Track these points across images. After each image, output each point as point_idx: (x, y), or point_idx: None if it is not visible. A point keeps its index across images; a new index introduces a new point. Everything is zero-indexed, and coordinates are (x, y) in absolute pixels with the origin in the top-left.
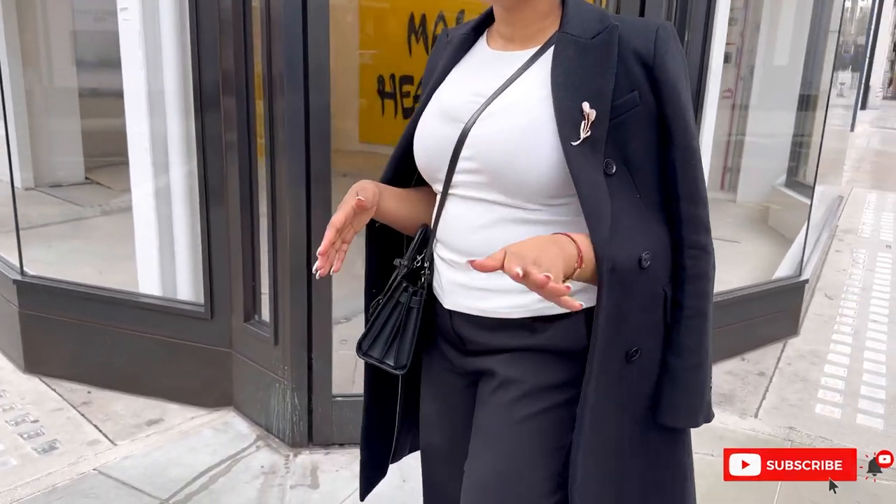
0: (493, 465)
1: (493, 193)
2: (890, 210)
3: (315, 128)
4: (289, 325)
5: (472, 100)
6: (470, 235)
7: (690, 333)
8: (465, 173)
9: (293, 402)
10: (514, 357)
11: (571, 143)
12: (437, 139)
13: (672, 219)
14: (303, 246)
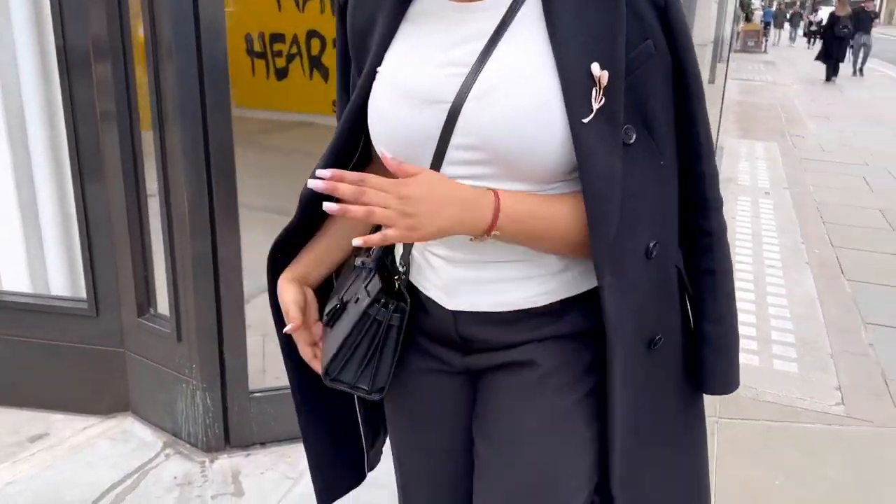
0: (526, 463)
1: (499, 183)
2: (762, 158)
3: (212, 91)
4: (194, 318)
5: (450, 72)
6: None
7: (724, 297)
8: (457, 164)
9: (205, 402)
10: (537, 345)
11: (582, 121)
12: (413, 127)
13: (693, 178)
14: (206, 228)
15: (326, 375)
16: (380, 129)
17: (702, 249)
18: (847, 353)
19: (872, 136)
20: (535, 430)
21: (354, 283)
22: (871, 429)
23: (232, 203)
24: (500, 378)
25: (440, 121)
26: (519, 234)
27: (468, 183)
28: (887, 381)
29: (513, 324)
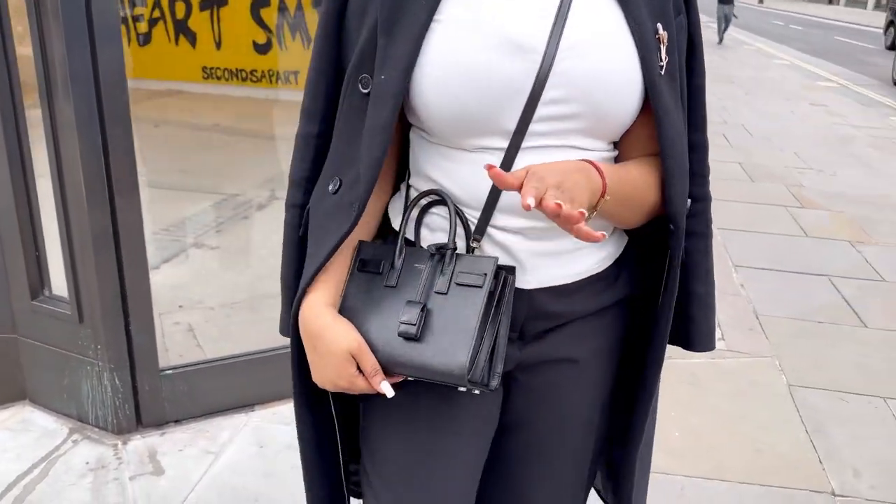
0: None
1: (584, 139)
2: None
3: (105, 58)
4: (97, 297)
5: (536, 20)
6: None
7: (708, 258)
8: (547, 121)
9: (113, 383)
10: (584, 326)
11: (659, 73)
12: (502, 78)
13: (693, 148)
14: (104, 203)
15: (476, 383)
16: (460, 80)
17: (693, 213)
18: (723, 293)
19: (728, 95)
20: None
21: (429, 280)
22: (747, 359)
23: (132, 175)
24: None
25: (531, 71)
26: (620, 200)
27: (550, 140)
28: (759, 316)
29: (574, 294)
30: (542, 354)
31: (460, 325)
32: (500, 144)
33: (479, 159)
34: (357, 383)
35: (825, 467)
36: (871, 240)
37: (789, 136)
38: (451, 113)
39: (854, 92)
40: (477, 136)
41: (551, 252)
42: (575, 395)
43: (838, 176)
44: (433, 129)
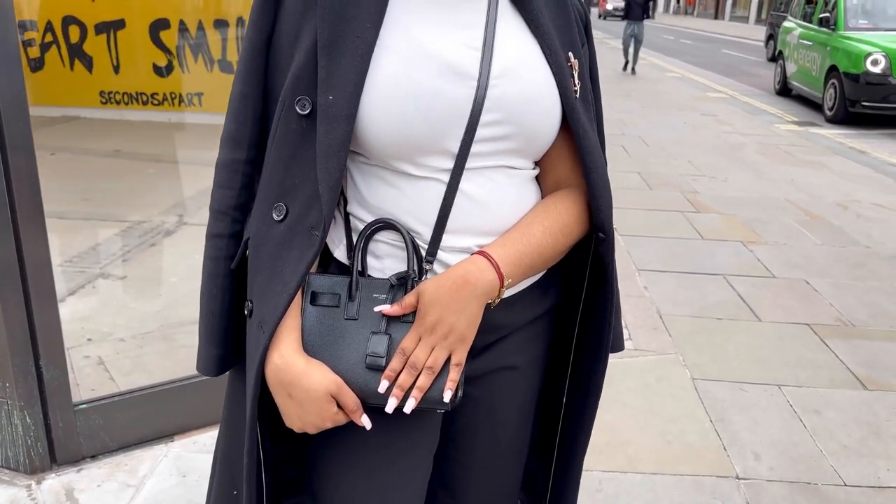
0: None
1: (516, 158)
2: None
3: (4, 86)
4: (4, 332)
5: (467, 51)
6: (502, 212)
7: (614, 263)
8: (485, 142)
9: (24, 421)
10: (523, 334)
11: (575, 97)
12: (445, 102)
13: None
14: (7, 232)
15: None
16: (406, 103)
17: None
18: (628, 296)
19: (625, 108)
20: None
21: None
22: (654, 357)
23: (37, 206)
24: (487, 384)
25: (470, 96)
26: (525, 271)
27: (489, 161)
28: (662, 316)
29: (515, 305)
30: (487, 365)
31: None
32: (445, 165)
33: (424, 183)
34: (339, 420)
35: (729, 453)
36: (760, 240)
37: (683, 145)
38: (397, 134)
39: (741, 102)
40: (422, 157)
41: None
42: (514, 400)
43: (729, 181)
44: (376, 150)
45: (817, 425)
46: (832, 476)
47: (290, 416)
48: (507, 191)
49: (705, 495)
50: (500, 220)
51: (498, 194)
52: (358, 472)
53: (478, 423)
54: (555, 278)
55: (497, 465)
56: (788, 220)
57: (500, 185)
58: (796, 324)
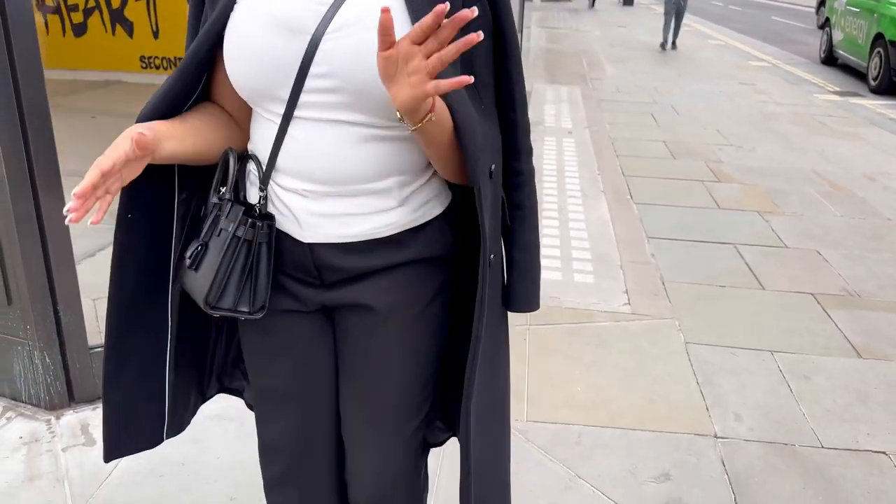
0: (392, 382)
1: (351, 113)
2: (565, 101)
3: (21, 49)
4: (24, 279)
5: (312, 7)
6: (330, 161)
7: (531, 230)
8: (315, 93)
9: (44, 362)
10: (382, 280)
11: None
12: (275, 54)
13: (507, 126)
14: (26, 189)
15: (207, 304)
16: (242, 54)
17: (515, 187)
18: (633, 263)
19: (661, 77)
20: (393, 353)
21: (213, 224)
22: (649, 321)
23: (52, 160)
24: (350, 317)
25: (301, 50)
26: (442, 128)
27: (320, 112)
28: (664, 282)
29: (362, 252)
30: (342, 299)
31: (209, 264)
32: (279, 110)
33: (266, 124)
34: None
35: (711, 414)
36: (778, 210)
37: (715, 114)
38: (241, 82)
39: (783, 70)
40: (262, 101)
41: (326, 213)
42: (378, 339)
43: (756, 151)
44: (239, 93)
45: (804, 391)
46: (811, 438)
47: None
48: (337, 144)
49: (681, 451)
50: (327, 168)
51: (324, 145)
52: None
53: (349, 352)
54: (418, 237)
55: (372, 394)
56: (811, 191)
57: (329, 137)
58: (801, 293)
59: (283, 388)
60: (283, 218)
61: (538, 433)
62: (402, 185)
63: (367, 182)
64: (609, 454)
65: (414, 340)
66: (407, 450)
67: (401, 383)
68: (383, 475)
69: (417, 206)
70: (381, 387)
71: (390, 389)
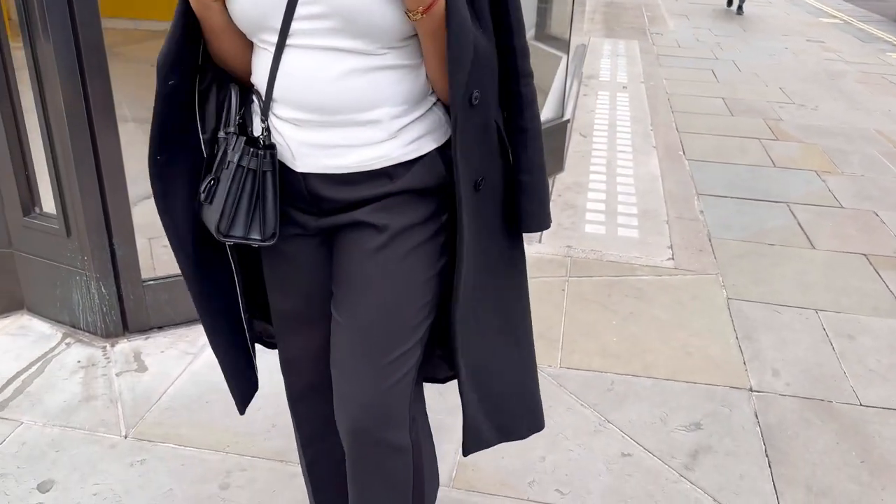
0: (373, 306)
1: (342, 39)
2: (622, 55)
3: None
4: (81, 213)
5: None
6: (320, 89)
7: (536, 151)
8: (306, 20)
9: (100, 292)
10: (377, 205)
11: None
12: None
13: (505, 50)
14: (84, 126)
15: (219, 233)
16: None
17: (516, 110)
18: (681, 219)
19: (725, 32)
20: (378, 274)
21: (222, 158)
22: (693, 277)
23: (108, 99)
24: (348, 236)
25: None
26: (437, 27)
27: (313, 40)
28: (711, 239)
29: (354, 183)
30: (337, 222)
31: (220, 195)
32: (273, 40)
33: (263, 54)
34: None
35: (748, 368)
36: (836, 170)
37: (778, 72)
38: (237, 13)
39: (856, 28)
40: (257, 32)
41: (318, 144)
42: (363, 255)
43: (819, 110)
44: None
45: (847, 349)
46: (849, 396)
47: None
48: (329, 70)
49: (714, 402)
50: (318, 96)
51: (317, 72)
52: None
53: (347, 263)
54: (403, 170)
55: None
56: (872, 152)
57: (321, 64)
58: (852, 253)
59: (294, 308)
60: (280, 148)
61: (570, 379)
62: (392, 118)
63: (357, 112)
64: (640, 402)
65: (403, 261)
66: (391, 379)
67: (386, 304)
68: (365, 407)
69: (409, 141)
70: (364, 307)
71: (374, 310)
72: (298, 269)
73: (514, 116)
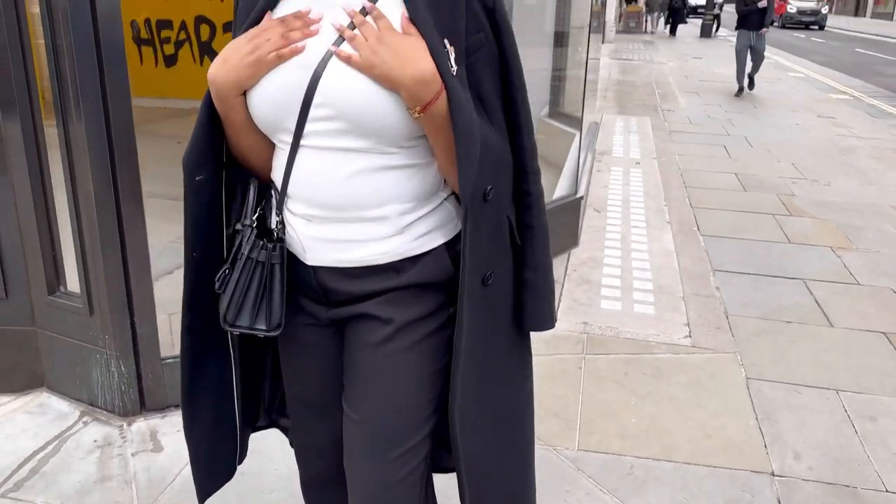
0: (379, 400)
1: (352, 140)
2: (634, 131)
3: (112, 76)
4: (105, 292)
5: (318, 43)
6: (330, 187)
7: (541, 249)
8: (318, 121)
9: (119, 370)
10: (384, 297)
11: (452, 75)
12: (283, 86)
13: (515, 148)
14: (111, 205)
15: (225, 321)
16: (259, 87)
17: (524, 207)
18: (697, 295)
19: (736, 108)
20: (383, 367)
21: (237, 249)
22: (710, 355)
23: (135, 181)
24: (356, 328)
25: (304, 83)
26: (442, 125)
27: (324, 140)
28: (728, 317)
29: (362, 277)
30: (346, 313)
31: (230, 283)
32: (289, 140)
33: (280, 153)
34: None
35: (769, 451)
36: (852, 246)
37: (790, 147)
38: (257, 113)
39: (865, 104)
40: (275, 133)
41: (327, 239)
42: (370, 349)
43: (832, 186)
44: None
45: (870, 432)
46: (874, 481)
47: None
48: (339, 169)
49: (735, 488)
50: (328, 194)
51: (328, 170)
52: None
53: (356, 354)
54: (417, 264)
55: (362, 407)
56: (888, 228)
57: (332, 163)
58: (871, 331)
59: (308, 396)
60: (291, 241)
61: (589, 462)
62: (400, 214)
63: (365, 209)
64: (661, 486)
65: (408, 354)
66: (401, 473)
67: (392, 398)
68: (375, 502)
69: (417, 236)
70: (372, 400)
71: (381, 404)
72: (312, 357)
73: (521, 213)
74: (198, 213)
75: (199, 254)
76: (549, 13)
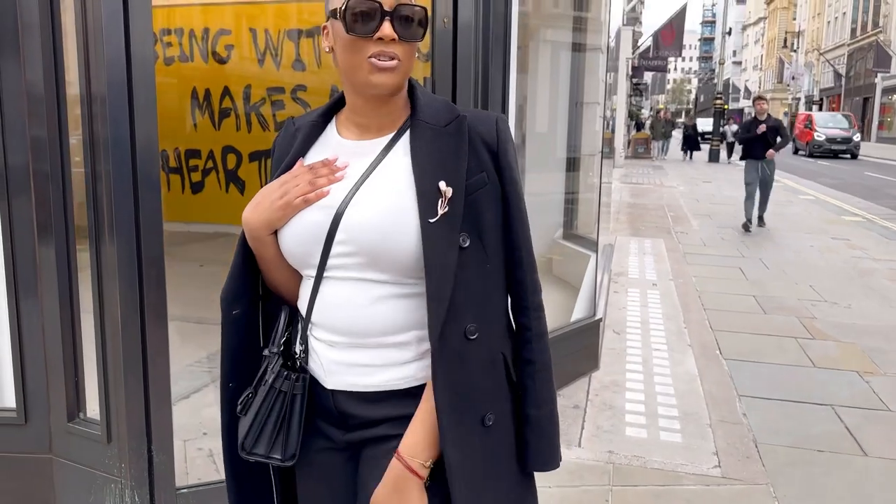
0: None
1: (371, 272)
2: (649, 253)
3: (146, 204)
4: (125, 419)
5: (341, 185)
6: (352, 316)
7: (544, 385)
8: (340, 256)
9: (133, 500)
10: (401, 421)
11: (429, 221)
12: (308, 225)
13: (515, 283)
14: (136, 332)
15: (243, 449)
16: (288, 226)
17: (524, 342)
18: (724, 422)
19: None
20: None
21: (262, 374)
22: (742, 486)
23: (162, 310)
24: (371, 452)
25: (327, 222)
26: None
27: (345, 273)
28: (757, 445)
29: (379, 401)
30: (362, 437)
31: (251, 411)
32: (314, 273)
33: (306, 284)
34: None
35: None
36: (879, 370)
37: (806, 269)
38: (286, 249)
39: (878, 225)
40: (302, 267)
41: (348, 363)
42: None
43: (853, 308)
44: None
45: None
46: None
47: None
48: (359, 298)
49: None
50: (349, 321)
51: (349, 299)
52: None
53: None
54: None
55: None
56: None
57: (353, 292)
58: None
59: None
60: (314, 364)
61: None
62: (420, 340)
63: (385, 335)
64: None
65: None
66: None
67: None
68: None
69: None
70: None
71: None
72: (329, 485)
73: (521, 349)
74: (234, 345)
75: (234, 384)
76: (559, 141)
